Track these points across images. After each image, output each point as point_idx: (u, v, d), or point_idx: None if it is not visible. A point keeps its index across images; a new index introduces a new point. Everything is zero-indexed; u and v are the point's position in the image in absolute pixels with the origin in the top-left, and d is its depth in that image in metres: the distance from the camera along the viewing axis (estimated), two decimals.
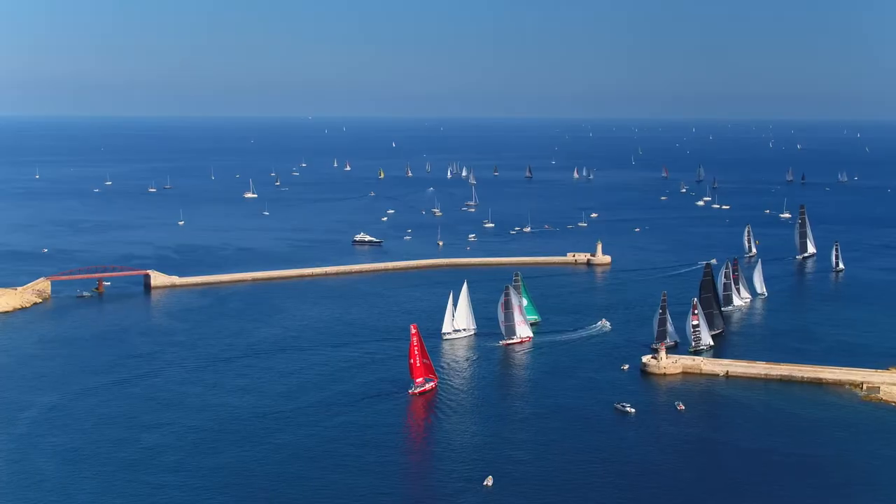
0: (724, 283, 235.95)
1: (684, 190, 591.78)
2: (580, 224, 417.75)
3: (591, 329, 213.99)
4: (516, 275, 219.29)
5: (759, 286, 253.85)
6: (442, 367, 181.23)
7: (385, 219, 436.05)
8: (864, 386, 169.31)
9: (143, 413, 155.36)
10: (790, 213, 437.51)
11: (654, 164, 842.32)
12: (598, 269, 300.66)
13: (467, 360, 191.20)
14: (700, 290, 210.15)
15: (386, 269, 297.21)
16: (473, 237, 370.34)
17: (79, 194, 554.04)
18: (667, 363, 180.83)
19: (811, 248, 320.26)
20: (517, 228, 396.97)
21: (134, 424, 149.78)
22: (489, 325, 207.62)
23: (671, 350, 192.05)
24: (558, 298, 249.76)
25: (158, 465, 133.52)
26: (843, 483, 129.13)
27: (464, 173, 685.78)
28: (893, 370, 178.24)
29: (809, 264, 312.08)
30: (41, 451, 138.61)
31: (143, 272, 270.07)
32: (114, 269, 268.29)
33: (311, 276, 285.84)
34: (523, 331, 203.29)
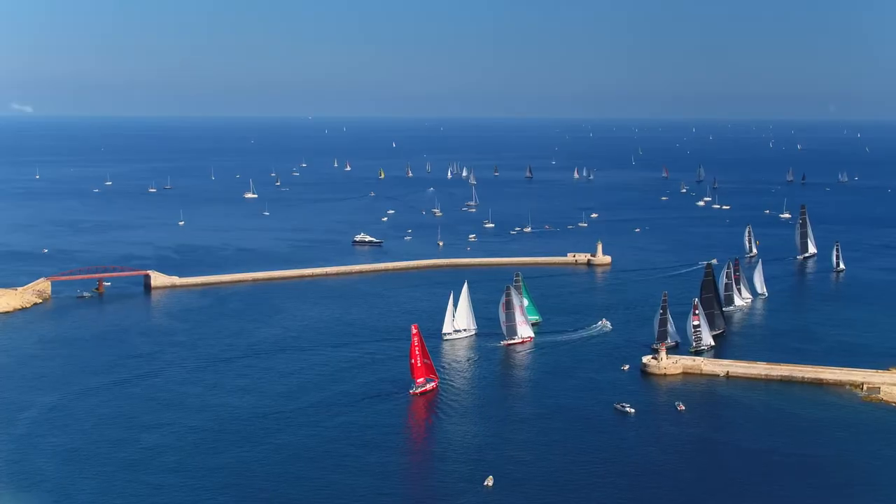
0: (726, 284, 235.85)
1: (684, 190, 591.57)
2: (580, 224, 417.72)
3: (591, 329, 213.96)
4: (517, 275, 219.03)
5: (760, 286, 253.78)
6: (443, 368, 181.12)
7: (385, 219, 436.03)
8: (865, 386, 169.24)
9: (143, 413, 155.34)
10: (790, 214, 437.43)
11: (654, 164, 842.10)
12: (599, 270, 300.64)
13: (468, 360, 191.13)
14: (701, 290, 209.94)
15: (386, 270, 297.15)
16: (474, 237, 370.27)
17: (79, 194, 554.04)
18: (667, 363, 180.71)
19: (812, 249, 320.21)
20: (517, 228, 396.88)
21: (134, 424, 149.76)
22: (490, 326, 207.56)
23: (672, 350, 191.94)
24: (559, 299, 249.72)
25: (158, 465, 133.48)
26: (844, 483, 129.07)
27: (464, 173, 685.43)
28: (894, 370, 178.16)
29: (810, 264, 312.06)
30: (41, 451, 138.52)
31: (143, 272, 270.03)
32: (114, 270, 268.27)
33: (312, 276, 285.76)
34: (524, 331, 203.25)
